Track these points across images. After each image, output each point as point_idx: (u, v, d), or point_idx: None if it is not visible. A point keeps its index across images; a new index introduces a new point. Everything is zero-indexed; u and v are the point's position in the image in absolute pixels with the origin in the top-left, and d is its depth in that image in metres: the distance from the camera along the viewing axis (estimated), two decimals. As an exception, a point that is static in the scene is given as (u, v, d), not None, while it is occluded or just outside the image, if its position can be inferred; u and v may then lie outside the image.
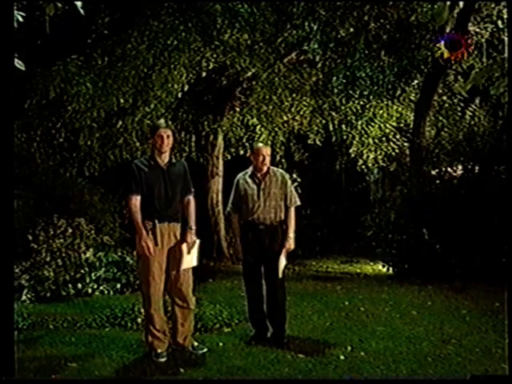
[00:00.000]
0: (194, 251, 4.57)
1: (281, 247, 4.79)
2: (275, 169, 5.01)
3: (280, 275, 4.75)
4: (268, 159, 4.86)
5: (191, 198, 4.66)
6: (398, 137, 10.64)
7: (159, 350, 4.42)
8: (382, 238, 8.84)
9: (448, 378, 4.07)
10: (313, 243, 11.28)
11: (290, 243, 4.82)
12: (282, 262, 4.77)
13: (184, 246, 4.49)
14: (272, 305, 4.86)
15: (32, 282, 6.70)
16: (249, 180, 4.90)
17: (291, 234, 4.83)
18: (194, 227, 4.57)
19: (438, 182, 8.83)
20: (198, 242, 4.58)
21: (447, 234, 7.79)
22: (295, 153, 11.47)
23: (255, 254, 4.81)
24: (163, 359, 4.38)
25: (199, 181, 10.24)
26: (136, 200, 4.40)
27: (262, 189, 4.82)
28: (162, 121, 4.77)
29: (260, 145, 5.16)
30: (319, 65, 9.44)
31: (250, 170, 4.94)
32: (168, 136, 4.47)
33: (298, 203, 4.94)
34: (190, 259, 4.53)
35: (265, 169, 4.88)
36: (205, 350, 4.61)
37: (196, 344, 4.67)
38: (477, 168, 8.58)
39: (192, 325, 4.69)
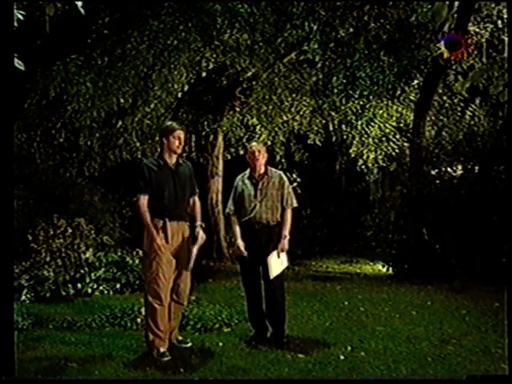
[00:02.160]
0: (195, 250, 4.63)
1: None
2: (274, 170, 5.01)
3: (272, 275, 4.70)
4: (261, 157, 4.84)
5: (196, 198, 4.76)
6: (397, 137, 10.64)
7: (161, 350, 4.43)
8: (382, 238, 8.85)
9: (448, 378, 4.07)
10: (313, 243, 11.29)
11: (284, 243, 4.78)
12: (274, 260, 4.71)
13: (195, 248, 4.59)
14: (271, 305, 4.86)
15: (32, 282, 6.71)
16: (246, 181, 4.92)
17: (286, 235, 4.81)
18: (203, 225, 4.68)
19: (437, 182, 8.83)
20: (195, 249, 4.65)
21: (447, 234, 7.80)
22: (295, 153, 11.47)
23: (252, 253, 4.82)
24: (167, 358, 4.38)
25: (199, 181, 10.23)
26: (144, 199, 4.44)
27: (259, 189, 4.83)
28: (175, 123, 4.80)
29: (252, 144, 5.18)
30: (319, 65, 9.43)
31: (248, 171, 4.96)
32: (184, 138, 4.59)
33: (295, 205, 4.93)
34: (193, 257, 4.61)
35: (262, 169, 4.88)
36: (189, 344, 4.69)
37: (181, 338, 4.75)
38: (477, 168, 8.58)
39: (179, 320, 4.79)
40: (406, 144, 10.51)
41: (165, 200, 4.47)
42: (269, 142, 10.31)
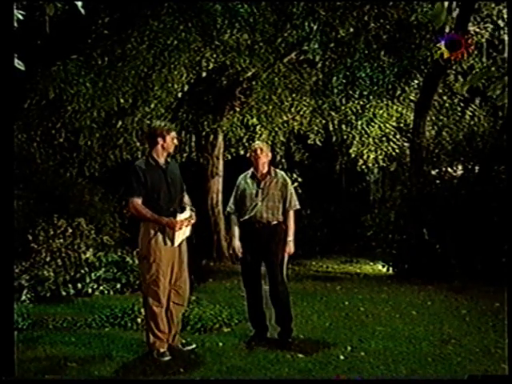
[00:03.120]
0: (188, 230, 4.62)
1: (279, 248, 4.78)
2: (277, 170, 5.01)
3: (284, 278, 4.81)
4: (263, 156, 4.83)
5: (185, 193, 4.73)
6: (398, 137, 10.64)
7: (161, 350, 4.43)
8: (382, 238, 8.85)
9: (447, 378, 4.07)
10: (313, 243, 11.29)
11: (290, 246, 4.82)
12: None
13: (188, 228, 4.53)
14: (277, 305, 4.84)
15: (32, 282, 6.70)
16: (249, 180, 4.92)
17: (290, 238, 4.83)
18: (193, 209, 4.64)
19: (438, 182, 8.84)
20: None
21: (447, 234, 7.80)
22: (295, 153, 11.47)
23: (253, 252, 4.82)
24: (167, 358, 4.38)
25: (199, 181, 10.26)
26: (138, 202, 4.39)
27: (261, 188, 4.83)
28: (169, 123, 4.78)
29: (256, 142, 5.20)
30: (319, 65, 9.44)
31: (250, 170, 4.96)
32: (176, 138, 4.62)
33: (298, 207, 4.94)
34: (184, 232, 4.56)
35: (264, 168, 4.87)
36: (193, 346, 4.68)
37: (184, 341, 4.73)
38: (477, 168, 8.58)
39: (180, 323, 4.76)
40: (406, 144, 10.52)
41: (160, 201, 4.43)
42: (269, 142, 10.30)
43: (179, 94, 8.50)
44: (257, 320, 4.95)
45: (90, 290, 6.95)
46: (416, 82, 9.80)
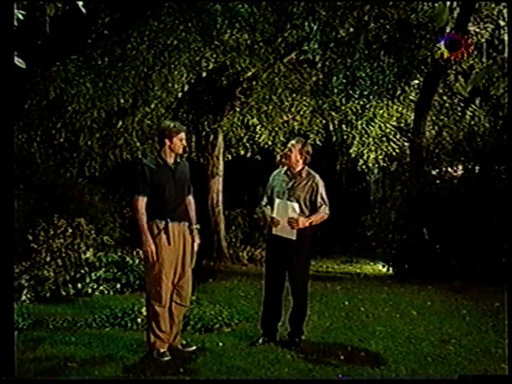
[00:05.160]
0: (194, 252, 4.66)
1: (301, 251, 4.69)
2: (312, 172, 4.82)
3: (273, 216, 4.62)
4: (290, 157, 4.71)
5: (191, 197, 4.71)
6: (398, 137, 10.65)
7: (162, 350, 4.42)
8: (382, 238, 8.86)
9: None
10: (313, 243, 11.29)
11: (302, 220, 4.59)
12: (281, 209, 4.62)
13: (196, 245, 4.59)
14: (295, 305, 4.80)
15: (32, 282, 6.69)
16: (281, 176, 4.82)
17: (310, 219, 4.63)
18: (199, 227, 4.65)
19: (438, 182, 8.84)
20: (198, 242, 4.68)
21: (447, 234, 7.80)
22: (295, 153, 11.46)
23: (277, 253, 4.72)
24: (167, 358, 4.37)
25: (199, 181, 10.26)
26: (142, 201, 4.39)
27: (288, 188, 4.73)
28: (178, 123, 4.75)
29: (292, 141, 4.94)
30: (319, 65, 9.44)
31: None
32: (185, 138, 4.62)
33: (327, 211, 4.76)
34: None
35: (295, 167, 4.74)
36: (193, 347, 4.64)
37: (184, 342, 4.71)
38: (477, 168, 8.59)
39: (181, 323, 4.75)
40: (406, 144, 10.52)
41: (166, 201, 4.42)
42: (269, 142, 10.32)
43: (179, 94, 8.50)
44: (269, 320, 4.85)
45: (89, 290, 6.94)
46: (416, 82, 9.81)
